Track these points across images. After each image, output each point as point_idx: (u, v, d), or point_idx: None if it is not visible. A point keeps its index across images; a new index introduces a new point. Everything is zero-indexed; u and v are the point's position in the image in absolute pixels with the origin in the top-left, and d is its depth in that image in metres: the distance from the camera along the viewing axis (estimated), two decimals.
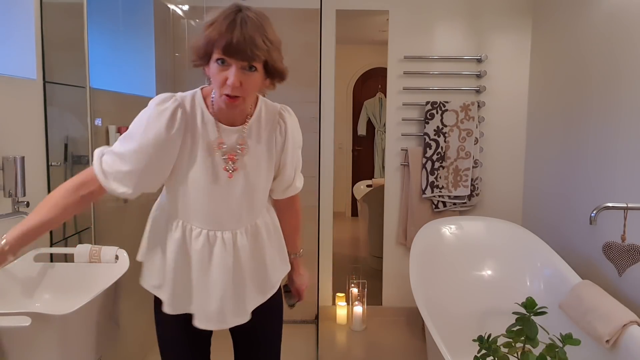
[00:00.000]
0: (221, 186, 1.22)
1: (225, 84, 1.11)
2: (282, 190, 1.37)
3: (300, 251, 1.50)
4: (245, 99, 1.15)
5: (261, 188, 1.29)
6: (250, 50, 1.08)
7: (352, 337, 2.97)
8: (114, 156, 1.18)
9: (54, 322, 1.30)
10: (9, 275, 1.59)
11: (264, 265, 1.33)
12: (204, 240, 1.24)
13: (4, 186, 1.59)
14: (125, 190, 1.19)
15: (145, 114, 1.20)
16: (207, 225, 1.24)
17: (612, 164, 2.16)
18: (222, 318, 1.27)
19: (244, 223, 1.27)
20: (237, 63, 1.10)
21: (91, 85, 2.13)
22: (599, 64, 2.27)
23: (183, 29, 3.04)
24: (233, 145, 1.22)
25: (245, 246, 1.27)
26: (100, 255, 1.72)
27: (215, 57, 1.11)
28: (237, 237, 1.26)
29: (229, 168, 1.21)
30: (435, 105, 2.98)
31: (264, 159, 1.27)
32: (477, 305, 2.41)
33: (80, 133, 2.10)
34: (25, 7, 1.76)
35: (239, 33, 1.07)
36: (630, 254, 1.78)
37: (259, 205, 1.31)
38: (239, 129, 1.23)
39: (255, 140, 1.25)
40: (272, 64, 1.14)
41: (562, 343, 1.52)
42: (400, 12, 3.01)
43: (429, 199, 3.04)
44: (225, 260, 1.24)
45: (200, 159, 1.20)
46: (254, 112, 1.25)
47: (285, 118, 1.29)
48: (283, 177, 1.33)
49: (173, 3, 2.97)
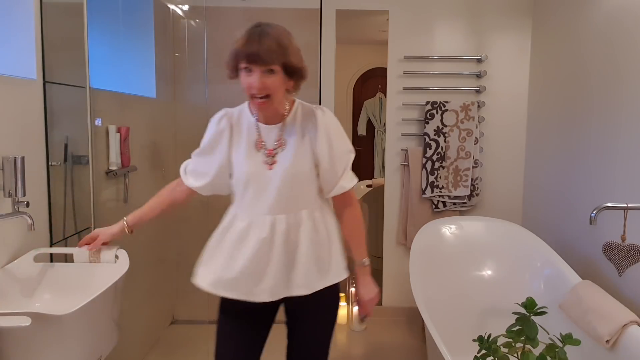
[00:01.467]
0: (263, 177, 1.40)
1: (251, 88, 1.31)
2: (329, 190, 1.47)
3: (363, 260, 1.53)
4: (272, 98, 1.33)
5: (303, 181, 1.42)
6: (267, 56, 1.28)
7: (352, 337, 2.97)
8: (193, 157, 1.52)
9: (54, 322, 1.30)
10: (9, 275, 1.59)
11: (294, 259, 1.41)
12: (247, 223, 1.41)
13: (4, 186, 1.59)
14: (196, 184, 1.50)
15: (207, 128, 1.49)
16: (251, 210, 1.41)
17: (612, 163, 2.16)
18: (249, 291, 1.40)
19: (284, 211, 1.40)
20: (258, 68, 1.29)
21: (91, 85, 2.13)
22: (599, 64, 2.27)
23: (183, 29, 3.04)
24: (272, 141, 1.41)
25: (282, 232, 1.39)
26: (100, 255, 1.72)
27: (241, 66, 1.32)
28: (275, 222, 1.39)
29: (268, 161, 1.40)
30: (435, 105, 2.98)
31: (302, 153, 1.41)
32: (477, 305, 2.41)
33: (80, 133, 2.10)
34: (25, 7, 1.77)
35: (257, 43, 1.28)
36: (630, 254, 1.78)
37: (302, 198, 1.43)
38: (276, 127, 1.42)
39: (293, 136, 1.42)
40: (289, 65, 1.32)
41: (562, 343, 1.52)
42: (400, 12, 3.01)
43: (429, 199, 3.04)
44: (261, 242, 1.38)
45: (247, 156, 1.41)
46: (290, 112, 1.44)
47: (317, 114, 1.43)
48: (324, 174, 1.44)
49: (173, 3, 2.97)
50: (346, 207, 1.51)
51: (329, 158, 1.42)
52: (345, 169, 1.46)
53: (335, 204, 1.52)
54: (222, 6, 2.98)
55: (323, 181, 1.45)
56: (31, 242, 1.76)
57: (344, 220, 1.52)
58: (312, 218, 1.43)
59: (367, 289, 1.55)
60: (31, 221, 1.59)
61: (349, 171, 1.48)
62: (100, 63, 2.21)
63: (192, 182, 1.50)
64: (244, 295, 1.40)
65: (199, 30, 2.99)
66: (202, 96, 2.91)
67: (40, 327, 1.28)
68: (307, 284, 1.42)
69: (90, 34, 2.11)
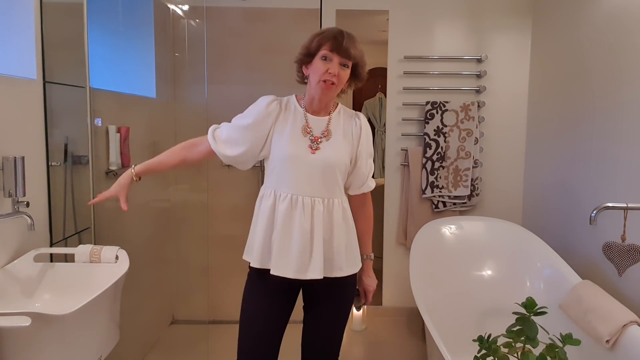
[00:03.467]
0: (305, 160, 1.52)
1: (326, 73, 1.47)
2: (358, 186, 1.63)
3: (370, 254, 1.72)
4: (336, 88, 1.51)
5: (339, 170, 1.55)
6: (351, 51, 1.48)
7: (352, 337, 2.97)
8: (228, 127, 1.58)
9: (54, 322, 1.30)
10: (9, 275, 1.59)
11: (331, 240, 1.53)
12: (288, 202, 1.51)
13: (4, 186, 1.59)
14: (227, 152, 1.55)
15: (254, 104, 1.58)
16: (292, 190, 1.51)
17: (612, 163, 2.16)
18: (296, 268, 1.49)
19: (321, 195, 1.52)
20: (338, 59, 1.48)
21: (91, 85, 2.13)
22: (599, 63, 2.27)
23: (183, 29, 3.04)
24: (319, 130, 1.56)
25: (320, 212, 1.51)
26: (101, 255, 1.72)
27: (321, 54, 1.48)
28: (315, 203, 1.51)
29: (313, 147, 1.53)
30: (435, 105, 2.98)
31: (343, 146, 1.56)
32: (477, 305, 2.41)
33: (80, 133, 2.10)
34: (25, 7, 1.77)
35: (345, 39, 1.48)
36: (630, 254, 1.78)
37: (335, 185, 1.55)
38: (324, 119, 1.57)
39: (338, 130, 1.57)
40: (358, 68, 1.54)
41: (562, 343, 1.52)
42: (400, 12, 3.01)
43: (429, 199, 3.04)
44: (302, 221, 1.49)
45: (293, 139, 1.53)
46: (335, 110, 1.61)
47: (361, 118, 1.62)
48: (358, 171, 1.60)
49: (173, 3, 2.97)
50: (365, 205, 1.68)
51: (365, 159, 1.61)
52: (371, 172, 1.65)
53: (355, 201, 1.66)
54: (222, 6, 2.98)
55: (355, 178, 1.61)
56: (31, 242, 1.76)
57: (361, 216, 1.68)
58: (342, 207, 1.57)
59: (371, 279, 1.72)
60: (31, 221, 1.60)
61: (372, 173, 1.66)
62: (100, 63, 2.21)
63: (223, 149, 1.56)
64: (293, 274, 1.49)
65: (199, 30, 2.99)
66: (202, 96, 2.91)
67: (40, 327, 1.28)
68: (339, 268, 1.55)
69: (90, 34, 2.11)
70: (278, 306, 1.59)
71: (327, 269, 1.53)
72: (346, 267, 1.56)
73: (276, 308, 1.58)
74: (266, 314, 1.57)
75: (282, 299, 1.59)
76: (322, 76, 1.48)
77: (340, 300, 1.63)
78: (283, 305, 1.60)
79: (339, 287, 1.59)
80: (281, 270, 1.50)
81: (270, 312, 1.58)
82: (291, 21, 2.96)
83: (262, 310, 1.57)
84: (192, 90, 3.05)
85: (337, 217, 1.54)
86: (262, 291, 1.58)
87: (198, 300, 2.98)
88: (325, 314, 1.62)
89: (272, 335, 1.59)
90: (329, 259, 1.53)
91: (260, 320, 1.57)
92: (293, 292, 1.62)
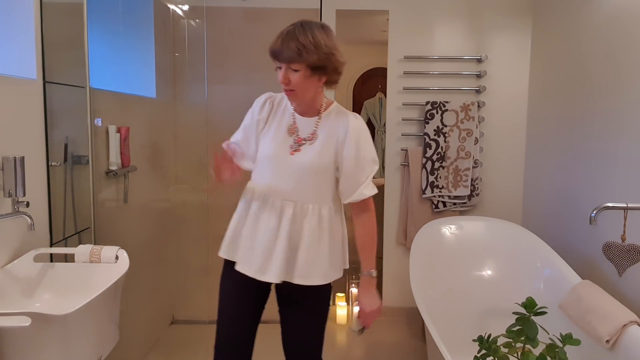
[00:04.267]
0: (282, 161, 1.48)
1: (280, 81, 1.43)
2: (349, 194, 1.50)
3: (371, 271, 1.54)
4: (297, 92, 1.44)
5: (318, 175, 1.48)
6: (285, 53, 1.39)
7: (352, 337, 2.97)
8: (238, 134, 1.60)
9: (54, 322, 1.30)
10: (9, 275, 1.59)
11: (297, 246, 1.47)
12: (261, 201, 1.50)
13: (4, 186, 1.59)
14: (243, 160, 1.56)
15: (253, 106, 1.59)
16: (267, 190, 1.49)
17: (612, 163, 2.16)
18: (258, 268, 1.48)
19: (293, 198, 1.47)
20: (283, 65, 1.41)
21: (91, 85, 2.13)
22: (599, 63, 2.27)
23: (183, 29, 3.04)
24: (306, 132, 1.50)
25: (288, 217, 1.46)
26: (101, 255, 1.72)
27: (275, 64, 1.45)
28: (285, 206, 1.47)
29: (294, 147, 1.49)
30: (435, 105, 2.98)
31: (326, 150, 1.48)
32: (477, 305, 2.41)
33: (80, 133, 2.10)
34: (25, 7, 1.76)
35: (279, 42, 1.40)
36: (630, 254, 1.78)
37: (313, 192, 1.49)
38: (312, 120, 1.51)
39: (323, 132, 1.50)
40: (312, 64, 1.40)
41: (562, 343, 1.52)
42: (400, 12, 3.01)
43: (429, 199, 3.04)
44: (269, 222, 1.47)
45: (276, 138, 1.50)
46: (326, 110, 1.53)
47: (350, 119, 1.50)
48: (346, 177, 1.49)
49: (173, 3, 2.97)
50: (364, 211, 1.54)
51: (354, 163, 1.48)
52: (368, 177, 1.50)
53: (354, 208, 1.55)
54: (222, 6, 2.98)
55: (344, 185, 1.51)
56: (31, 242, 1.76)
57: (359, 224, 1.55)
58: (317, 214, 1.48)
59: (371, 300, 1.54)
60: (31, 221, 1.60)
61: (371, 180, 1.51)
62: (100, 63, 2.21)
63: None
64: (254, 273, 1.48)
65: (199, 30, 2.99)
66: (202, 96, 2.92)
67: (40, 327, 1.28)
68: (306, 276, 1.48)
69: (90, 34, 2.11)
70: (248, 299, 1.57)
71: (289, 274, 1.47)
72: (313, 277, 1.48)
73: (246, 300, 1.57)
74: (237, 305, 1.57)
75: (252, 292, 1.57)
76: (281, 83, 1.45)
77: (309, 307, 1.56)
78: (253, 298, 1.58)
79: (308, 294, 1.52)
80: (244, 268, 1.50)
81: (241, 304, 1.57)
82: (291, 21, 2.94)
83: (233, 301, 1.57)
84: (192, 90, 3.05)
85: (310, 224, 1.46)
86: (233, 283, 1.56)
87: (198, 300, 2.98)
88: (295, 318, 1.58)
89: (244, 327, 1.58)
90: (292, 264, 1.47)
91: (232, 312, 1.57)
92: (264, 287, 1.58)
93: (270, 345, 1.72)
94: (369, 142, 1.52)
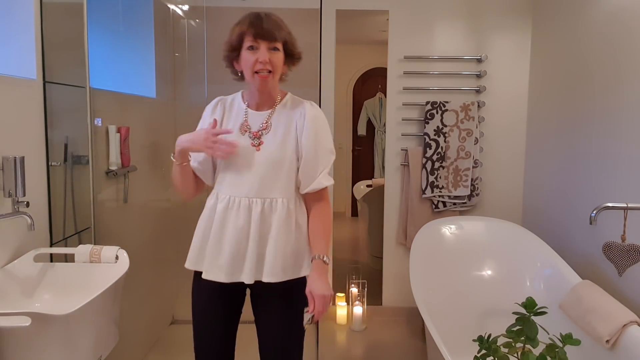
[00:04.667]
0: (247, 158, 1.45)
1: (256, 63, 1.38)
2: (308, 183, 1.48)
3: (323, 256, 1.45)
4: (273, 75, 1.41)
5: (284, 166, 1.46)
6: (277, 33, 1.39)
7: (352, 337, 2.97)
8: None
9: (54, 322, 1.30)
10: (9, 275, 1.59)
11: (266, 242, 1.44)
12: (225, 203, 1.46)
13: (4, 186, 1.59)
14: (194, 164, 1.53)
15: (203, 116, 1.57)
16: (231, 191, 1.46)
17: (612, 163, 2.16)
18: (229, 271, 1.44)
19: (261, 195, 1.45)
20: (266, 44, 1.38)
21: (91, 85, 2.13)
22: (599, 63, 2.27)
23: (183, 29, 3.04)
24: (257, 125, 1.47)
25: (257, 213, 1.43)
26: (101, 255, 1.72)
27: (246, 45, 1.39)
28: (252, 203, 1.44)
29: (255, 143, 1.46)
30: (435, 105, 2.98)
31: (288, 139, 1.46)
32: (477, 305, 2.41)
33: (80, 133, 2.10)
34: (25, 7, 1.77)
35: (265, 21, 1.38)
36: (630, 254, 1.78)
37: (278, 183, 1.46)
38: (264, 114, 1.49)
39: (280, 122, 1.47)
40: (290, 46, 1.43)
41: (562, 343, 1.52)
42: (400, 12, 3.01)
43: (429, 199, 3.05)
44: (237, 222, 1.43)
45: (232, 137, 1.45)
46: (281, 101, 1.51)
47: (307, 107, 1.50)
48: (305, 165, 1.46)
49: (173, 3, 2.97)
50: (318, 201, 1.51)
51: (313, 151, 1.46)
52: (325, 168, 1.48)
53: (308, 198, 1.51)
54: (222, 6, 2.98)
55: (303, 174, 1.47)
56: (31, 242, 1.76)
57: (316, 213, 1.50)
58: (286, 207, 1.46)
59: (322, 285, 1.40)
60: (31, 221, 1.60)
61: (328, 170, 1.49)
62: (100, 63, 2.21)
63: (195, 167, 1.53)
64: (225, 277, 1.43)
65: (199, 30, 2.99)
66: (202, 96, 2.91)
67: (40, 327, 1.28)
68: (275, 273, 1.43)
69: (90, 34, 2.11)
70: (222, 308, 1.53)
71: (259, 272, 1.44)
72: (282, 273, 1.44)
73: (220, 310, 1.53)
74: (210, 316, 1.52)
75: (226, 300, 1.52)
76: (253, 67, 1.39)
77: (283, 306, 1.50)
78: (228, 306, 1.53)
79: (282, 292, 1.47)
80: (214, 275, 1.44)
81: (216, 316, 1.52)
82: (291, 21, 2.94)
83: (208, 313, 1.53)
84: (192, 90, 3.05)
85: (278, 218, 1.44)
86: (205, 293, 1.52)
87: None
88: (270, 319, 1.52)
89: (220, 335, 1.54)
90: (261, 262, 1.44)
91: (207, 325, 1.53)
92: (237, 292, 1.54)
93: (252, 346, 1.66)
94: (327, 131, 1.51)
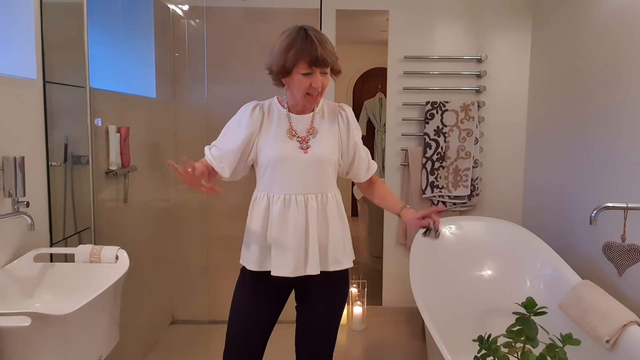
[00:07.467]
0: (297, 160, 1.53)
1: (310, 87, 1.46)
2: (365, 171, 1.68)
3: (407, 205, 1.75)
4: (322, 94, 1.53)
5: (329, 163, 1.57)
6: (329, 59, 1.45)
7: (352, 337, 2.97)
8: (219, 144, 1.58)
9: (54, 322, 1.30)
10: (9, 275, 1.59)
11: (327, 234, 1.55)
12: (282, 202, 1.52)
13: (4, 186, 1.59)
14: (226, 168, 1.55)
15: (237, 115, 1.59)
16: (284, 190, 1.53)
17: (612, 163, 2.16)
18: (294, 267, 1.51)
19: (314, 191, 1.54)
20: (319, 70, 1.45)
21: (91, 85, 2.13)
22: (599, 63, 2.27)
23: (183, 29, 3.04)
24: (303, 129, 1.56)
25: (314, 209, 1.53)
26: (101, 255, 1.72)
27: (300, 71, 1.45)
28: (308, 199, 1.53)
29: (304, 147, 1.54)
30: (435, 105, 2.98)
31: (332, 141, 1.58)
32: (477, 305, 2.41)
33: (80, 133, 2.10)
34: (25, 7, 1.76)
35: (321, 49, 1.43)
36: (630, 254, 1.78)
37: (327, 180, 1.58)
38: (307, 116, 1.58)
39: (322, 125, 1.58)
40: (335, 66, 1.51)
41: (562, 343, 1.52)
42: (400, 12, 3.01)
43: (429, 199, 3.04)
44: (296, 218, 1.51)
45: (279, 141, 1.54)
46: (318, 106, 1.60)
47: (345, 108, 1.63)
48: (360, 159, 1.65)
49: (173, 3, 2.97)
50: (374, 180, 1.75)
51: (361, 146, 1.65)
52: (369, 155, 1.70)
53: (365, 184, 1.73)
54: (222, 6, 2.98)
55: (360, 165, 1.66)
56: (31, 242, 1.76)
57: (377, 185, 1.75)
58: (335, 200, 1.59)
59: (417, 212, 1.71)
60: (31, 221, 1.60)
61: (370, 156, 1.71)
62: (100, 63, 2.21)
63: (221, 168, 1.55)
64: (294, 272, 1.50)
65: (199, 30, 2.99)
66: (202, 96, 2.91)
67: (40, 327, 1.28)
68: (338, 260, 1.57)
69: (90, 34, 2.11)
70: (267, 307, 1.60)
71: (323, 263, 1.55)
72: (343, 260, 1.58)
73: (264, 309, 1.60)
74: (253, 314, 1.59)
75: (272, 300, 1.61)
76: (306, 90, 1.47)
77: (334, 296, 1.62)
78: (272, 306, 1.62)
79: (334, 282, 1.60)
80: (280, 270, 1.51)
81: (258, 313, 1.59)
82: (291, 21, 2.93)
83: (250, 311, 1.59)
84: (192, 90, 3.05)
85: (332, 211, 1.56)
86: (253, 292, 1.59)
87: (198, 300, 2.98)
88: (318, 311, 1.62)
89: (257, 336, 1.60)
90: (325, 253, 1.55)
91: (246, 321, 1.59)
92: (285, 292, 1.63)
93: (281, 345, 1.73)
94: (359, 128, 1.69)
